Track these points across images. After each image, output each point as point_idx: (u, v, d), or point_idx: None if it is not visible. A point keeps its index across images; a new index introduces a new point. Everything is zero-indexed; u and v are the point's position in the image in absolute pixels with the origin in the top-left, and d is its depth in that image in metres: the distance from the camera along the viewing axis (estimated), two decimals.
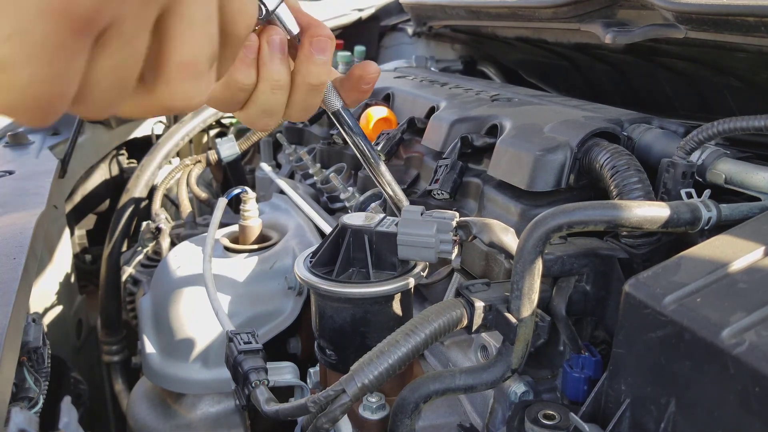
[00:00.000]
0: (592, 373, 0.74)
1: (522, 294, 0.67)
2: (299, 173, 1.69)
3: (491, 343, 0.87)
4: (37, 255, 1.10)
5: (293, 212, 1.49)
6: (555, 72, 1.75)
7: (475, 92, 1.32)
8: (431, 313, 0.69)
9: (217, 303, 1.04)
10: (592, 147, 0.90)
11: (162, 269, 1.35)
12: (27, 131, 1.88)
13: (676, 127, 0.98)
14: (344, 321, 0.85)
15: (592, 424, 0.63)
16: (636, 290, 0.60)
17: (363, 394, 0.66)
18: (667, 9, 1.04)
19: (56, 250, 1.74)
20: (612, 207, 0.66)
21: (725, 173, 0.82)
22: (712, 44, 1.03)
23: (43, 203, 1.27)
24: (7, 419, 0.71)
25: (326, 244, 0.88)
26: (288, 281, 1.29)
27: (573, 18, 1.31)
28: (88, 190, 2.16)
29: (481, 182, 1.03)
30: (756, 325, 0.51)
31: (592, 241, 0.80)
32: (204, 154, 1.94)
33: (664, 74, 1.35)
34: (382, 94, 1.48)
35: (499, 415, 0.81)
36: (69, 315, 1.75)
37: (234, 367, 0.84)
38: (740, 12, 0.91)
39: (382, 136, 1.27)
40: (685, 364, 0.55)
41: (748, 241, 0.62)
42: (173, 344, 1.24)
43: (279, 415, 0.73)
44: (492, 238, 0.77)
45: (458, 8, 1.68)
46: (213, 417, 1.23)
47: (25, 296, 0.95)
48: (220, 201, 1.34)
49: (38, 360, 0.95)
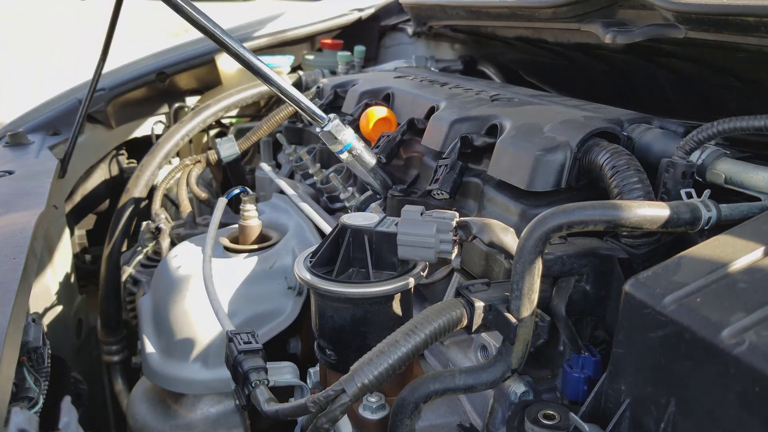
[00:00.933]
0: (592, 373, 0.74)
1: (522, 294, 0.67)
2: (299, 173, 1.69)
3: (491, 343, 0.87)
4: (37, 255, 1.10)
5: (293, 212, 1.49)
6: (555, 72, 1.75)
7: (475, 92, 1.32)
8: (431, 313, 0.69)
9: (217, 303, 1.04)
10: (592, 147, 0.90)
11: (162, 269, 1.35)
12: (27, 131, 1.88)
13: (676, 127, 0.98)
14: (344, 321, 0.85)
15: (592, 424, 0.63)
16: (636, 290, 0.60)
17: (363, 394, 0.66)
18: (667, 9, 1.04)
19: (56, 250, 1.74)
20: (612, 207, 0.66)
21: (725, 173, 0.82)
22: (712, 44, 1.03)
23: (43, 203, 1.27)
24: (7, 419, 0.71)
25: (326, 244, 0.88)
26: (288, 281, 1.29)
27: (573, 18, 1.31)
28: (88, 190, 2.16)
29: (481, 182, 1.03)
30: (756, 325, 0.51)
31: (592, 241, 0.80)
32: (204, 154, 1.94)
33: (664, 74, 1.35)
34: (382, 94, 1.48)
35: (499, 415, 0.81)
36: (69, 315, 1.75)
37: (234, 367, 0.84)
38: (740, 12, 0.91)
39: (383, 137, 1.27)
40: (685, 364, 0.55)
41: (748, 241, 0.62)
42: (173, 344, 1.24)
43: (279, 414, 0.73)
44: (492, 238, 0.77)
45: (458, 8, 1.68)
46: (213, 417, 1.23)
47: (25, 296, 0.95)
48: (220, 201, 1.34)
49: (38, 360, 0.95)
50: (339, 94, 1.66)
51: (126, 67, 2.22)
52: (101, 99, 2.10)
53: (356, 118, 1.42)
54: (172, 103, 2.34)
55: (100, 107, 2.10)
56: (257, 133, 1.90)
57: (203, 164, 1.94)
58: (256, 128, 1.90)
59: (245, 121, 2.42)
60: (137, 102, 2.25)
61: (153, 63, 2.22)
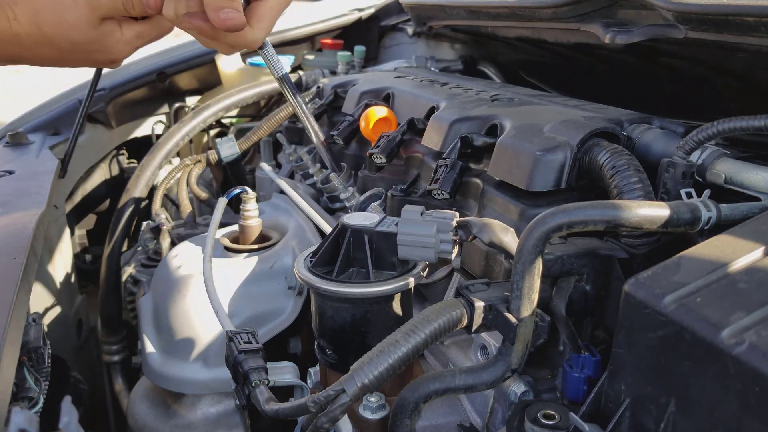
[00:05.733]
0: (592, 373, 0.74)
1: (522, 294, 0.67)
2: (299, 173, 1.69)
3: (491, 343, 0.87)
4: (37, 255, 1.10)
5: (293, 212, 1.49)
6: (555, 72, 1.75)
7: (475, 92, 1.32)
8: (431, 313, 0.69)
9: (217, 303, 1.04)
10: (592, 147, 0.90)
11: (162, 269, 1.35)
12: (27, 131, 1.88)
13: (676, 127, 0.98)
14: (344, 321, 0.85)
15: (592, 424, 0.63)
16: (636, 290, 0.60)
17: (363, 393, 0.66)
18: (667, 9, 1.04)
19: (56, 250, 1.75)
20: (612, 207, 0.66)
21: (725, 173, 0.82)
22: (712, 44, 1.03)
23: (43, 203, 1.27)
24: (7, 419, 0.71)
25: (326, 244, 0.88)
26: (288, 281, 1.29)
27: (573, 18, 1.31)
28: (88, 190, 2.16)
29: (481, 182, 1.03)
30: (756, 325, 0.51)
31: (592, 241, 0.80)
32: (204, 154, 1.93)
33: (664, 74, 1.35)
34: (382, 94, 1.48)
35: (499, 415, 0.81)
36: (69, 315, 1.75)
37: (234, 366, 0.84)
38: (740, 12, 0.92)
39: (383, 138, 1.27)
40: (685, 364, 0.55)
41: (748, 241, 0.62)
42: (173, 344, 1.24)
43: (279, 414, 0.73)
44: (492, 237, 0.77)
45: (458, 8, 1.68)
46: (213, 417, 1.23)
47: (25, 296, 0.95)
48: (220, 201, 1.34)
49: (38, 360, 0.95)
50: (339, 94, 1.66)
51: (126, 67, 2.22)
52: (101, 99, 2.10)
53: (356, 118, 1.42)
54: (173, 103, 2.34)
55: (101, 107, 2.10)
56: (257, 133, 1.90)
57: (203, 164, 1.94)
58: (257, 128, 1.90)
59: (245, 121, 2.42)
60: (137, 102, 2.25)
61: (153, 63, 2.22)
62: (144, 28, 0.88)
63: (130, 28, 0.86)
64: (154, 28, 0.89)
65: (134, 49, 0.89)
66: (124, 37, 0.86)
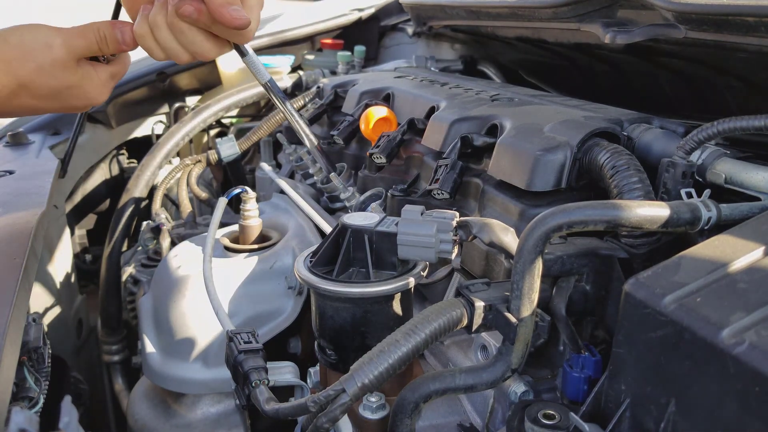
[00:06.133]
0: (592, 373, 0.74)
1: (522, 294, 0.67)
2: (299, 173, 1.69)
3: (491, 342, 0.87)
4: (37, 255, 1.10)
5: (293, 212, 1.49)
6: (555, 72, 1.75)
7: (475, 92, 1.32)
8: (431, 313, 0.69)
9: (217, 303, 1.04)
10: (592, 147, 0.90)
11: (162, 269, 1.35)
12: (27, 131, 1.88)
13: (676, 127, 0.98)
14: (344, 321, 0.85)
15: (592, 424, 0.63)
16: (636, 290, 0.60)
17: (363, 393, 0.66)
18: (667, 9, 1.04)
19: (56, 250, 1.75)
20: (612, 207, 0.66)
21: (725, 173, 0.82)
22: (712, 44, 1.03)
23: (43, 203, 1.27)
24: (7, 419, 0.71)
25: (326, 244, 0.88)
26: (288, 281, 1.29)
27: (573, 18, 1.31)
28: (88, 190, 2.16)
29: (481, 182, 1.03)
30: (756, 325, 0.51)
31: (592, 241, 0.80)
32: (204, 154, 1.93)
33: (664, 74, 1.35)
34: (382, 94, 1.48)
35: (499, 415, 0.81)
36: (69, 315, 1.75)
37: (234, 366, 0.84)
38: (740, 12, 0.92)
39: (383, 138, 1.27)
40: (685, 364, 0.55)
41: (748, 241, 0.62)
42: (173, 344, 1.24)
43: (279, 414, 0.73)
44: (492, 237, 0.77)
45: (458, 8, 1.68)
46: (213, 417, 1.23)
47: (25, 296, 0.95)
48: (220, 201, 1.34)
49: (38, 360, 0.95)
50: (339, 94, 1.66)
51: None
52: None
53: (356, 118, 1.42)
54: (173, 103, 2.34)
55: (101, 107, 2.10)
56: (257, 133, 1.90)
57: (203, 164, 1.94)
58: (257, 128, 1.90)
59: (245, 121, 2.42)
60: (137, 102, 2.25)
61: (153, 63, 2.22)
62: (115, 68, 0.88)
63: (104, 69, 0.87)
64: (122, 65, 0.89)
65: (110, 91, 0.89)
66: (101, 79, 0.86)
